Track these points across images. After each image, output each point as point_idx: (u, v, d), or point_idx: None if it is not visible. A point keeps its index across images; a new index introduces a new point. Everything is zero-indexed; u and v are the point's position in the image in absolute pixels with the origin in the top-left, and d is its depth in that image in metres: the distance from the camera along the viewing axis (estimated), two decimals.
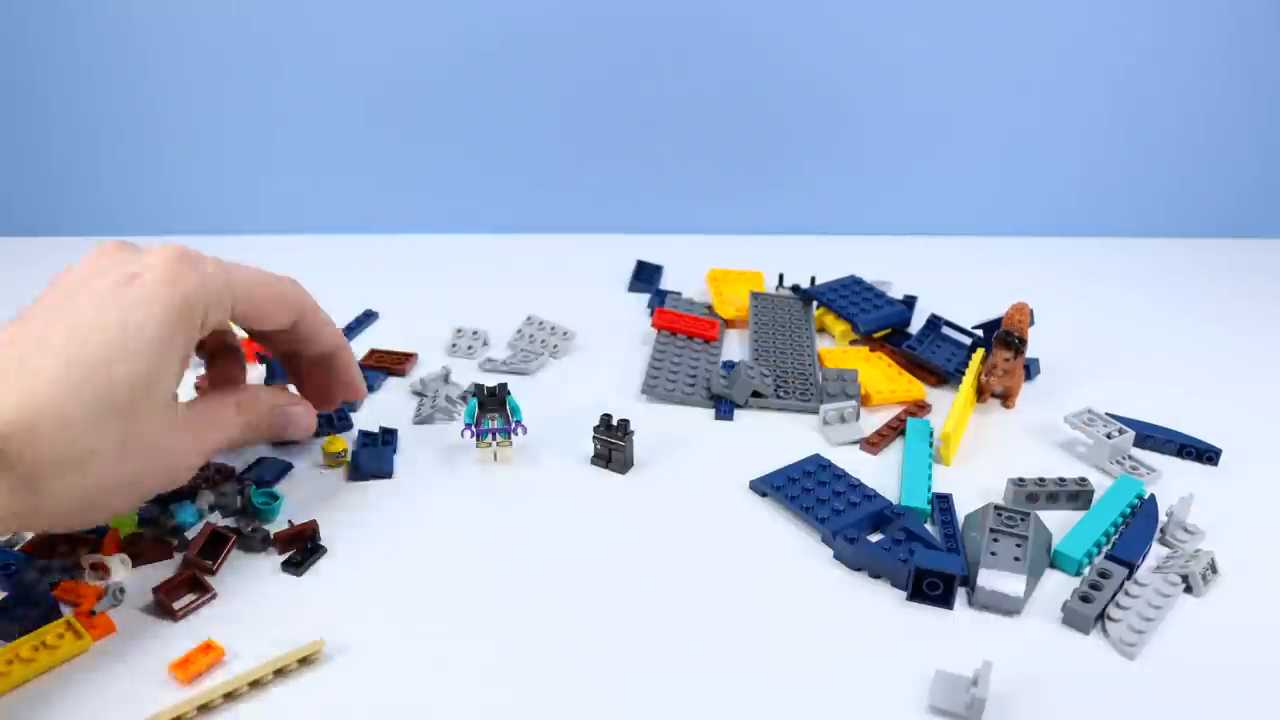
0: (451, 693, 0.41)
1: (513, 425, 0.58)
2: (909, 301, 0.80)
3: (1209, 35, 0.92)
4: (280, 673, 0.42)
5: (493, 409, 0.58)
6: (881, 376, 0.68)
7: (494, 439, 0.58)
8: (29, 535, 0.51)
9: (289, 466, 0.58)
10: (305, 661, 0.42)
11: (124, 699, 0.40)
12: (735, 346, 0.76)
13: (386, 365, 0.70)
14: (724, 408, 0.65)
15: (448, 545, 0.51)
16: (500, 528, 0.53)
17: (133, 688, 0.41)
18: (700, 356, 0.72)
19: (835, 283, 0.80)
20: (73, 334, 0.39)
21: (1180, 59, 0.93)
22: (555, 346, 0.74)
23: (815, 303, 0.79)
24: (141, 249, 0.45)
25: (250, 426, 0.50)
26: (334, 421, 0.62)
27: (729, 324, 0.79)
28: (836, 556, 0.50)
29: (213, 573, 0.48)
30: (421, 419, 0.63)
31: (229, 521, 0.53)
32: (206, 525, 0.50)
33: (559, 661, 0.43)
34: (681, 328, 0.74)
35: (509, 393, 0.58)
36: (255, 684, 0.41)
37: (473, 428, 0.58)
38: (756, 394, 0.65)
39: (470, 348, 0.74)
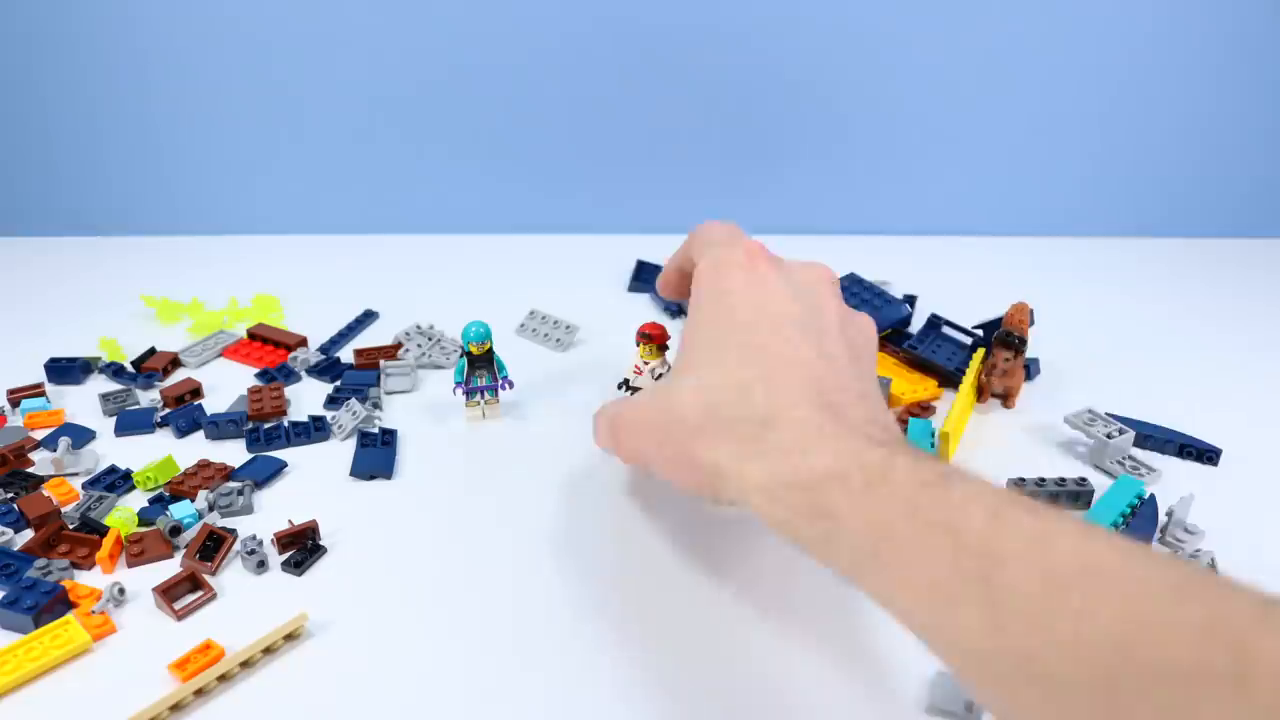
0: (454, 690, 0.41)
1: (500, 383, 0.61)
2: (909, 300, 0.80)
3: (1209, 35, 0.92)
4: (274, 661, 0.42)
5: (481, 367, 0.60)
6: (904, 380, 0.68)
7: (482, 397, 0.61)
8: (27, 536, 0.51)
9: (283, 465, 0.58)
10: (291, 638, 0.43)
11: (124, 699, 0.40)
12: None
13: (376, 361, 0.70)
14: None
15: (449, 544, 0.51)
16: (502, 523, 0.53)
17: (133, 688, 0.41)
18: None
19: None
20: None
21: (1180, 59, 0.93)
22: (558, 340, 0.74)
23: None
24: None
25: None
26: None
27: None
28: None
29: (212, 573, 0.48)
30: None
31: (227, 522, 0.53)
32: (204, 526, 0.50)
33: (559, 659, 0.43)
34: None
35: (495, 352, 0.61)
36: (246, 665, 0.42)
37: (463, 385, 0.60)
38: None
39: None
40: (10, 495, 0.54)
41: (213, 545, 0.49)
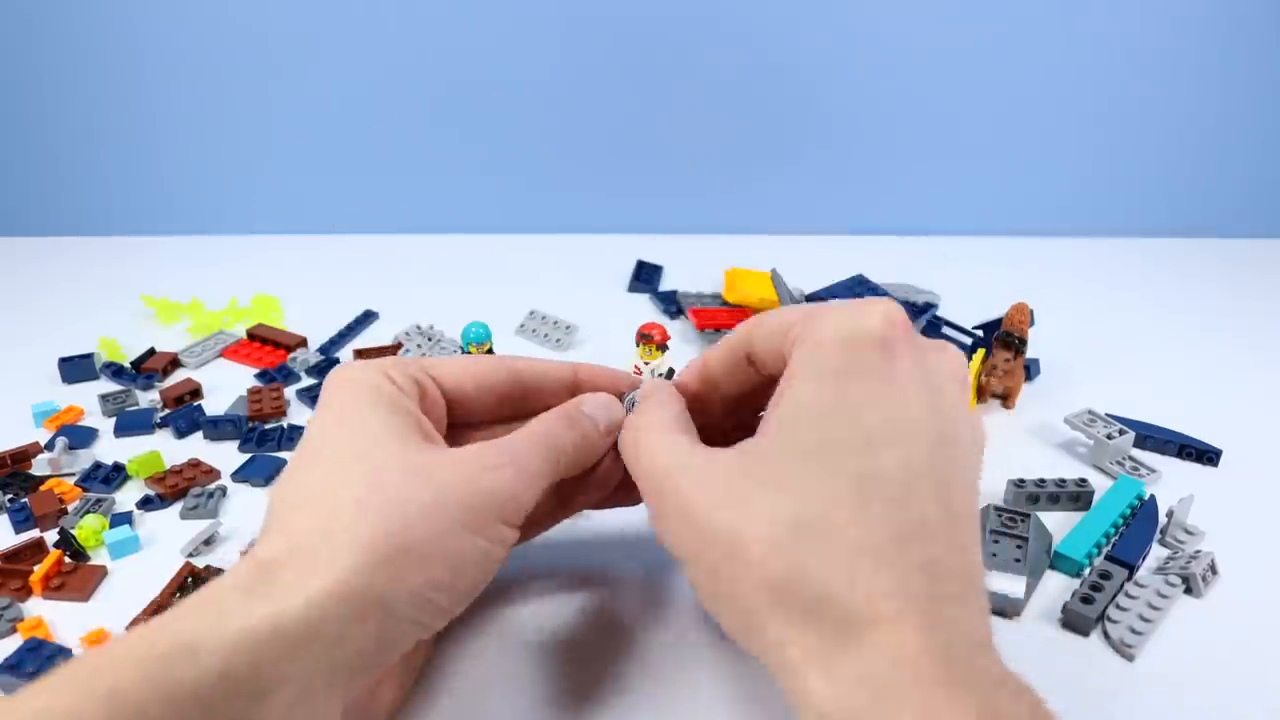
0: (455, 688, 0.41)
1: None
2: (931, 306, 0.80)
3: (1209, 35, 0.92)
4: None
5: None
6: None
7: None
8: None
9: (283, 464, 0.57)
10: None
11: None
12: None
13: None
14: None
15: None
16: None
17: None
18: None
19: (837, 285, 0.79)
20: None
21: (1180, 58, 0.93)
22: (558, 340, 0.74)
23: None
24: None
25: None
26: None
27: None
28: None
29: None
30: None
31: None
32: (186, 565, 0.47)
33: (560, 659, 0.43)
34: (721, 322, 0.75)
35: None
36: None
37: None
38: None
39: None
40: (10, 496, 0.54)
41: (194, 586, 0.45)
